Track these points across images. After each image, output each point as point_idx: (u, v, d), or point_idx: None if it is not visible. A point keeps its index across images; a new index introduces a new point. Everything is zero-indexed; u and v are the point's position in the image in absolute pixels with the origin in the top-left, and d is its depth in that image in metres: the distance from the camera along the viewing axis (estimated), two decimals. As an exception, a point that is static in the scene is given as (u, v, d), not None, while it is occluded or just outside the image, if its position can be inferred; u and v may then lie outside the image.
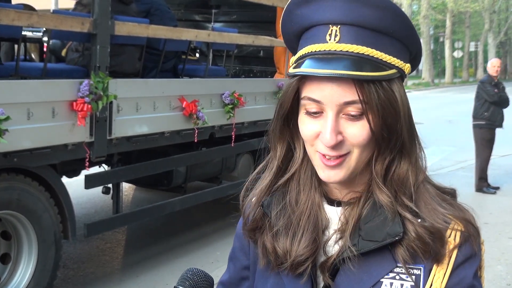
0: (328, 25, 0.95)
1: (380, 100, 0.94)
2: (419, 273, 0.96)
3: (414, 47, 1.00)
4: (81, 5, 4.72)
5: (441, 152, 11.34)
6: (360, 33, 0.94)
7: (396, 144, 0.98)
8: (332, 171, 0.99)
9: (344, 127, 0.96)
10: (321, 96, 0.95)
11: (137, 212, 5.12)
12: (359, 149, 0.97)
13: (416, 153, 1.01)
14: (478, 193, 8.05)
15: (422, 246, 0.95)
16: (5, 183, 3.74)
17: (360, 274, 0.98)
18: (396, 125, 0.96)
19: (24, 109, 3.65)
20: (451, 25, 39.86)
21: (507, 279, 4.97)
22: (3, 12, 3.49)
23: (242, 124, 5.82)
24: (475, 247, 0.98)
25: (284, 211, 1.06)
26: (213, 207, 6.60)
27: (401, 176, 0.99)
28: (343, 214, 1.02)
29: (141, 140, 4.66)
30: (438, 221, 0.96)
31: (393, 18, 0.94)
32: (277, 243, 1.04)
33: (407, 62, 0.99)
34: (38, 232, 3.99)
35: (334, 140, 0.95)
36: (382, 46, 0.95)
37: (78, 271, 4.99)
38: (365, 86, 0.93)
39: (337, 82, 0.94)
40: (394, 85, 0.97)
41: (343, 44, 0.94)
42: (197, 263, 5.18)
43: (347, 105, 0.94)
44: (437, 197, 1.01)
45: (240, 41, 5.93)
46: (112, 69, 4.41)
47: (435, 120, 16.82)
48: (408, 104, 0.99)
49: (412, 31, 0.98)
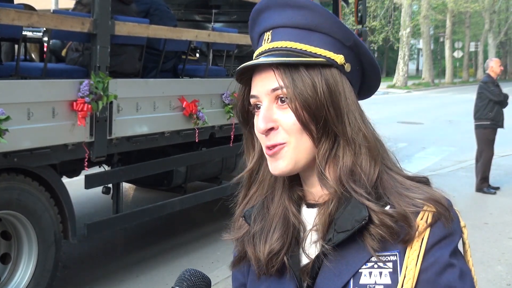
0: (264, 32, 1.08)
1: (297, 85, 1.01)
2: (396, 259, 0.97)
3: (346, 38, 1.04)
4: (81, 4, 4.72)
5: (441, 152, 11.35)
6: (287, 32, 1.04)
7: (327, 129, 1.02)
8: (274, 162, 1.04)
9: (276, 114, 1.03)
10: (256, 90, 1.05)
11: (137, 212, 5.12)
12: (294, 137, 1.02)
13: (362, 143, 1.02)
14: (478, 193, 8.05)
15: (386, 230, 0.97)
16: (5, 183, 3.74)
17: (339, 267, 0.99)
18: (321, 112, 1.01)
19: (24, 109, 3.65)
20: (451, 25, 39.85)
21: (507, 279, 4.97)
22: (3, 12, 3.49)
23: (242, 124, 5.81)
24: (448, 226, 0.98)
25: (261, 214, 1.10)
26: (213, 207, 6.60)
27: (348, 166, 1.02)
28: (318, 214, 1.04)
29: (141, 140, 4.66)
30: (404, 204, 0.99)
31: (314, 14, 1.03)
32: (256, 248, 1.08)
33: (339, 53, 1.03)
34: (38, 232, 3.99)
35: (264, 126, 1.02)
36: (308, 40, 1.03)
37: (78, 271, 4.99)
38: (283, 73, 1.01)
39: (264, 73, 1.03)
40: (317, 73, 1.02)
41: (273, 43, 1.05)
42: (197, 263, 5.19)
43: (274, 92, 1.02)
44: (403, 183, 1.03)
45: (240, 41, 5.93)
46: (112, 69, 4.41)
47: (435, 120, 16.83)
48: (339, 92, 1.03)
49: (336, 24, 1.04)
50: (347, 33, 1.04)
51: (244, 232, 1.12)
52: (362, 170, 1.01)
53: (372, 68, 1.10)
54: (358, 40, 1.05)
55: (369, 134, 1.04)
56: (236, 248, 1.16)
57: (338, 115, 1.02)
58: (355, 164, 1.02)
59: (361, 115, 1.05)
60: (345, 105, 1.02)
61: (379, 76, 1.13)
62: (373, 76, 1.11)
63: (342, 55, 1.04)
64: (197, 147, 5.64)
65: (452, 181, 8.62)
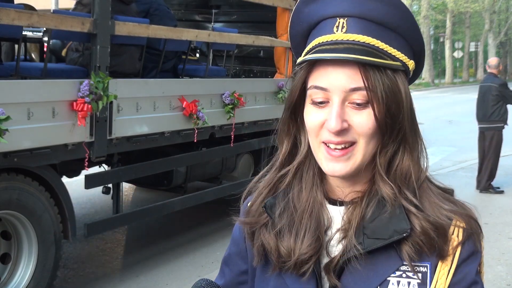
0: (335, 17, 0.98)
1: (384, 88, 0.95)
2: (426, 270, 0.96)
3: (417, 46, 1.02)
4: (81, 4, 4.72)
5: (441, 152, 11.34)
6: (366, 25, 0.96)
7: (398, 135, 0.99)
8: (336, 163, 0.98)
9: (349, 115, 0.97)
10: (327, 83, 0.97)
11: (137, 212, 5.12)
12: (364, 140, 0.97)
13: (417, 150, 1.02)
14: (478, 194, 8.05)
15: (427, 241, 0.95)
16: (5, 183, 3.74)
17: (366, 273, 0.97)
18: (399, 115, 0.97)
19: (24, 109, 3.65)
20: (451, 25, 39.86)
21: (507, 279, 4.97)
22: (3, 12, 3.49)
23: (242, 124, 5.82)
24: (478, 244, 0.98)
25: (287, 209, 1.06)
26: (213, 207, 6.60)
27: (403, 171, 0.99)
28: (346, 214, 1.01)
29: (141, 140, 4.66)
30: (441, 217, 0.97)
31: (398, 13, 0.97)
32: (281, 242, 1.03)
33: (411, 59, 1.01)
34: (38, 232, 3.99)
35: (340, 125, 0.95)
36: (387, 39, 0.97)
37: (78, 271, 4.99)
38: (370, 73, 0.95)
39: (343, 68, 0.96)
40: (398, 77, 0.98)
41: (350, 34, 0.96)
42: (197, 263, 5.19)
43: (352, 92, 0.95)
44: (439, 195, 1.02)
45: (240, 41, 5.93)
46: (112, 69, 4.41)
47: (435, 121, 16.82)
48: (411, 99, 1.01)
49: (415, 29, 1.00)
50: (419, 40, 1.01)
51: (265, 220, 1.08)
52: (414, 177, 1.00)
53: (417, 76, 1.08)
54: (424, 50, 1.03)
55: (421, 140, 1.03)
56: (239, 232, 1.13)
57: (412, 123, 1.00)
58: (409, 170, 1.00)
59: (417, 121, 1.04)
60: (413, 110, 1.01)
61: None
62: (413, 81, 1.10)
63: (413, 61, 1.01)
64: (197, 147, 5.64)
65: (452, 181, 8.61)
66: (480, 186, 8.18)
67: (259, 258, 1.08)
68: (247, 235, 1.11)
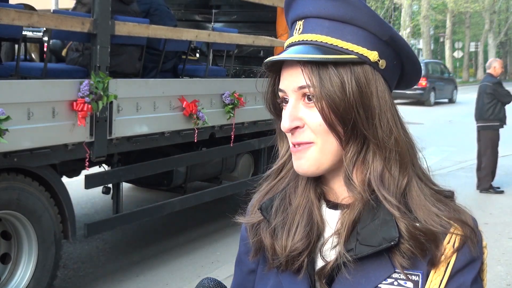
0: (296, 21, 1.02)
1: (324, 84, 0.95)
2: (417, 279, 0.94)
3: (382, 33, 0.98)
4: (81, 4, 4.72)
5: (441, 152, 11.34)
6: (320, 23, 0.98)
7: (355, 133, 0.97)
8: (299, 160, 1.00)
9: (302, 112, 0.98)
10: (283, 85, 1.01)
11: (137, 212, 5.12)
12: (320, 138, 0.97)
13: (393, 150, 0.97)
14: (477, 194, 8.05)
15: (417, 246, 0.93)
16: (5, 183, 3.74)
17: (358, 280, 0.96)
18: (349, 114, 0.95)
19: (24, 109, 3.65)
20: (451, 26, 39.84)
21: (507, 279, 4.97)
22: (3, 12, 3.49)
23: (242, 124, 5.82)
24: (474, 251, 0.95)
25: (282, 208, 1.06)
26: (213, 207, 6.60)
27: (378, 171, 0.97)
28: (341, 218, 1.00)
29: (141, 140, 4.66)
30: (432, 223, 0.94)
31: (348, 6, 0.97)
32: (276, 241, 1.03)
33: (374, 49, 0.97)
34: (38, 232, 3.99)
35: (288, 124, 0.98)
36: (340, 34, 0.97)
37: (78, 271, 4.99)
38: (310, 71, 0.96)
39: (292, 69, 0.99)
40: (346, 71, 0.96)
41: (303, 35, 1.00)
42: (197, 263, 5.19)
43: (301, 90, 0.98)
44: (431, 197, 0.98)
45: (240, 41, 5.93)
46: (112, 69, 4.41)
47: (435, 120, 16.82)
48: (376, 94, 0.97)
49: (371, 16, 0.97)
50: (383, 27, 0.97)
51: (260, 219, 1.08)
52: (392, 177, 0.97)
53: (412, 64, 1.03)
54: (395, 34, 0.99)
55: (401, 138, 0.98)
56: (246, 232, 1.13)
57: (368, 117, 0.96)
58: (384, 169, 0.97)
59: (394, 116, 0.99)
60: (377, 105, 0.96)
61: (420, 71, 1.06)
62: (413, 72, 1.05)
63: (376, 51, 0.97)
64: (197, 147, 5.64)
65: (452, 181, 8.51)
66: (481, 185, 8.17)
67: (255, 253, 1.08)
68: (250, 234, 1.11)
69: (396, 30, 10.73)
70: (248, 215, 1.14)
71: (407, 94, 21.06)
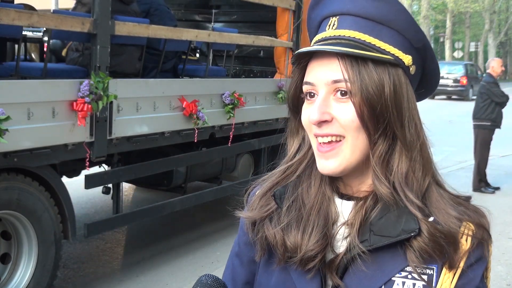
0: (330, 17, 1.01)
1: (365, 79, 0.95)
2: (432, 273, 0.95)
3: (416, 40, 0.99)
4: (81, 4, 4.72)
5: (441, 152, 11.33)
6: (357, 21, 0.98)
7: (387, 131, 0.97)
8: (326, 160, 0.99)
9: (333, 108, 0.97)
10: (314, 77, 0.99)
11: (137, 212, 5.12)
12: (351, 134, 0.97)
13: (417, 151, 0.99)
14: (477, 193, 8.04)
15: (437, 248, 0.93)
16: (5, 183, 3.74)
17: (371, 271, 0.96)
18: (384, 113, 0.96)
19: (24, 109, 3.65)
20: (451, 26, 39.87)
21: (507, 279, 4.97)
22: (3, 12, 3.49)
23: (242, 124, 5.82)
24: (486, 251, 0.98)
25: (295, 204, 1.05)
26: (213, 207, 6.60)
27: (402, 171, 0.97)
28: (354, 209, 1.00)
29: (141, 140, 4.66)
30: (451, 225, 0.95)
31: (389, 8, 0.97)
32: (287, 237, 1.02)
33: (407, 53, 0.99)
34: (38, 232, 3.99)
35: (318, 116, 0.96)
36: (378, 33, 0.97)
37: (78, 271, 4.99)
38: (350, 66, 0.95)
39: (327, 62, 0.97)
40: (384, 71, 0.97)
41: (338, 30, 0.99)
42: (197, 263, 5.19)
43: (334, 84, 0.96)
44: (450, 200, 1.00)
45: (240, 41, 5.93)
46: (112, 69, 4.40)
47: (435, 121, 16.82)
48: (406, 96, 0.98)
49: (411, 23, 0.98)
50: (419, 34, 0.99)
51: (269, 212, 1.07)
52: (415, 178, 0.97)
53: (434, 76, 1.05)
54: (428, 43, 1.01)
55: (426, 142, 1.01)
56: (246, 226, 1.10)
57: (400, 119, 0.97)
58: (409, 170, 0.97)
59: (420, 121, 1.01)
60: (407, 109, 0.98)
61: (437, 84, 1.08)
62: (432, 83, 1.07)
63: (410, 56, 0.99)
64: (197, 147, 5.64)
65: (452, 181, 8.47)
66: (473, 185, 8.19)
67: (262, 252, 1.07)
68: (249, 229, 1.10)
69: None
70: (248, 207, 1.12)
71: (449, 90, 25.28)
